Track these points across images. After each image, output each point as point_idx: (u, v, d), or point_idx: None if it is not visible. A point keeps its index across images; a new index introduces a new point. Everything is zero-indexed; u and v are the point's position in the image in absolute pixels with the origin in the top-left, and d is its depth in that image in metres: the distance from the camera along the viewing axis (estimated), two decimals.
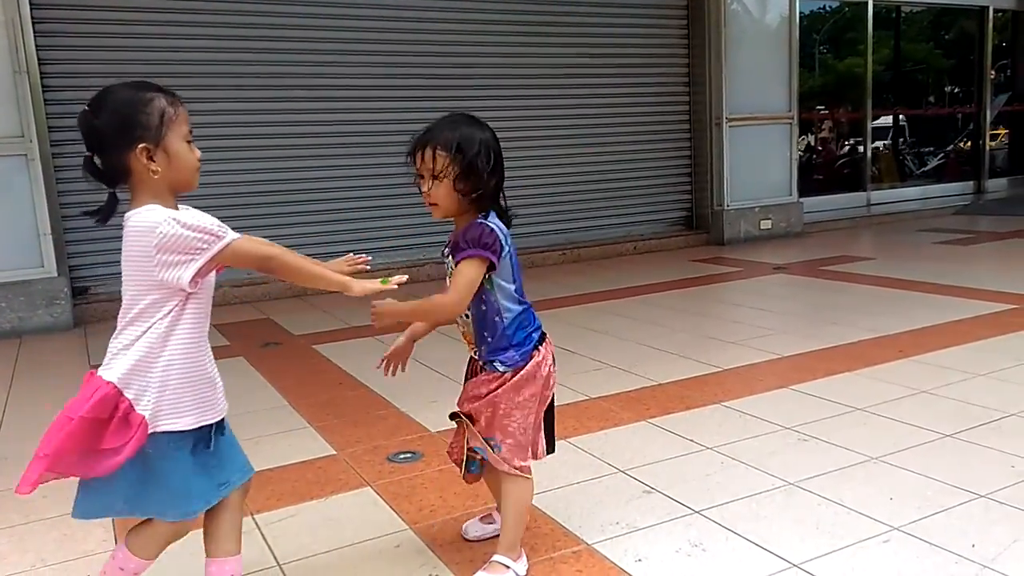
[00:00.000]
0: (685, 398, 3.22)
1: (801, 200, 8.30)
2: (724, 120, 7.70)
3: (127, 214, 1.62)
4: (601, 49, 7.45)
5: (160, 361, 1.61)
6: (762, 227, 8.02)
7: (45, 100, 5.34)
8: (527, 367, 1.90)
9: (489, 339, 1.91)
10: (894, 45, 10.82)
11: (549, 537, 2.14)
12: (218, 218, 1.70)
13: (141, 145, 1.61)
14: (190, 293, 1.62)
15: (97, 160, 1.68)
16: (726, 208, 7.82)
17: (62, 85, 5.48)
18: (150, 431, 1.58)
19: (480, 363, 1.96)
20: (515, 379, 1.89)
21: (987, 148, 11.11)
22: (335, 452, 2.84)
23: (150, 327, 1.61)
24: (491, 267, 1.84)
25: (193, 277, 1.57)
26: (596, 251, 7.28)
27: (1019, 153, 11.85)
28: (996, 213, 9.19)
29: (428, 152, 1.82)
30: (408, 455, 2.76)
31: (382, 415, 3.22)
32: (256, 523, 2.31)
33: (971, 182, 11.06)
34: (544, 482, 2.48)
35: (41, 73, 5.32)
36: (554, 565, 1.99)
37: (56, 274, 5.26)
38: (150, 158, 1.63)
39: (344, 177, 6.47)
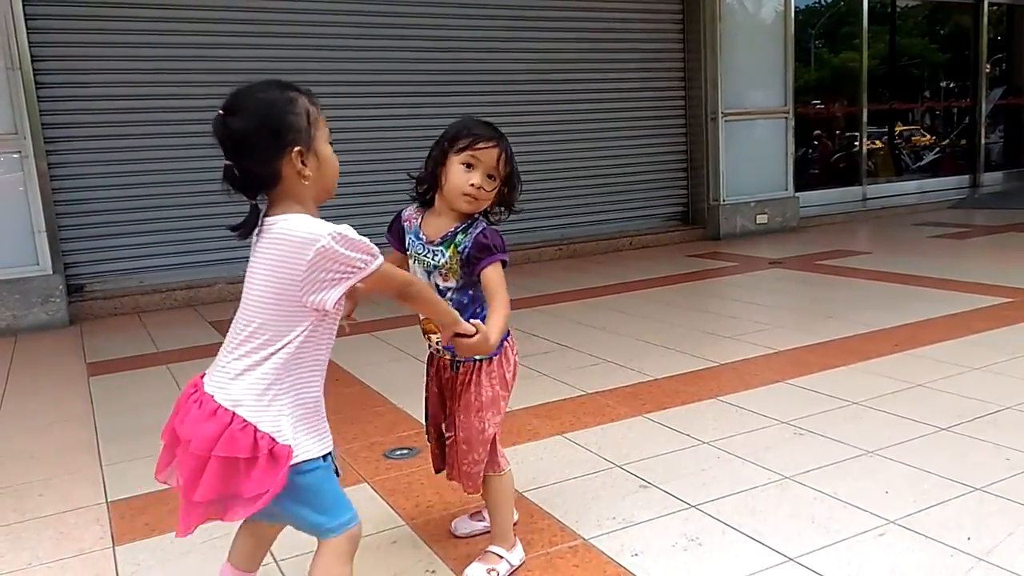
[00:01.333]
0: (681, 393, 3.22)
1: (797, 195, 8.31)
2: (720, 115, 7.70)
3: (268, 219, 1.47)
4: (596, 44, 7.44)
5: (291, 386, 1.48)
6: (758, 222, 8.02)
7: (38, 97, 5.32)
8: (505, 349, 1.94)
9: None
10: (889, 40, 10.83)
11: (546, 532, 2.14)
12: (213, 213, 1.67)
13: (296, 148, 1.48)
14: (326, 313, 1.48)
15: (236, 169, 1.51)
16: (722, 203, 7.83)
17: (55, 82, 5.46)
18: (293, 462, 1.44)
19: (451, 358, 1.93)
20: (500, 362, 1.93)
21: (983, 142, 11.13)
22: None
23: (281, 348, 1.45)
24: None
25: (337, 299, 1.44)
26: (592, 247, 7.28)
27: (1015, 147, 11.87)
28: (992, 207, 9.21)
29: (502, 154, 1.86)
30: (405, 451, 2.76)
31: (379, 411, 3.22)
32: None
33: (967, 176, 11.09)
34: (540, 477, 2.48)
35: (34, 70, 5.30)
36: (551, 560, 2.00)
37: (51, 272, 5.25)
38: (303, 162, 1.49)
39: (345, 172, 6.45)
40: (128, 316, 5.54)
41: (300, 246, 1.40)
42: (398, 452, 2.76)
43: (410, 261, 1.93)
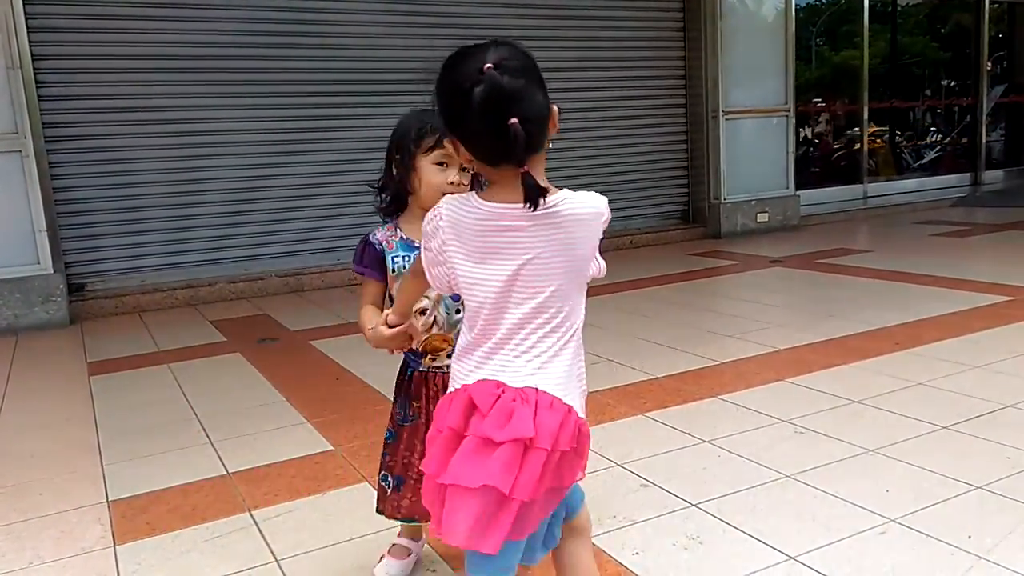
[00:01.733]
0: (682, 392, 3.22)
1: (798, 193, 8.30)
2: (721, 113, 7.69)
3: (554, 198, 1.29)
4: (597, 43, 7.43)
5: (579, 364, 1.39)
6: (759, 220, 8.02)
7: (39, 96, 5.32)
8: None
9: None
10: (890, 38, 10.83)
11: None
12: (214, 212, 1.67)
13: (554, 107, 1.33)
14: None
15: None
16: (723, 201, 7.82)
17: (56, 81, 5.46)
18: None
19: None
20: None
21: (983, 140, 11.12)
22: (332, 448, 2.84)
23: (576, 325, 1.38)
24: None
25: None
26: None
27: (1016, 145, 11.86)
28: (993, 205, 9.21)
29: None
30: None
31: (380, 410, 3.21)
32: (254, 519, 2.31)
33: (968, 174, 11.08)
34: None
35: (35, 69, 5.30)
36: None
37: (52, 271, 5.25)
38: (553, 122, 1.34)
39: (345, 171, 6.45)
40: (129, 315, 5.54)
41: (594, 222, 1.33)
42: None
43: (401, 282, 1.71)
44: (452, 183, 1.72)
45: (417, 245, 1.65)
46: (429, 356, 1.82)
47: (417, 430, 1.82)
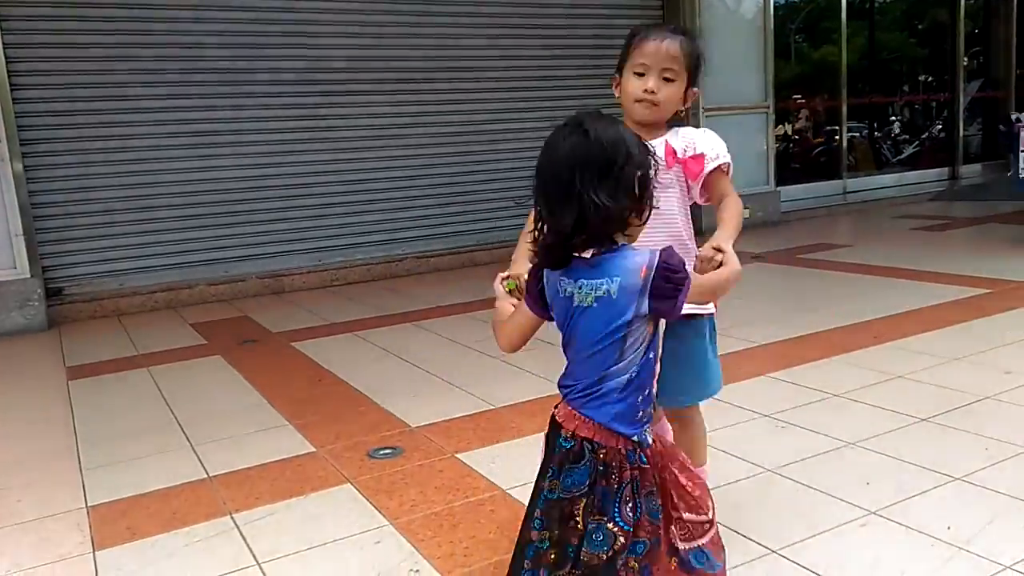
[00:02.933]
0: None
1: (778, 189, 8.35)
2: (700, 110, 7.71)
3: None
4: (574, 40, 7.43)
5: None
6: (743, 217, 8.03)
7: (14, 99, 5.24)
8: None
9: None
10: (868, 34, 10.91)
11: None
12: (192, 215, 1.65)
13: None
14: None
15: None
16: None
17: (31, 83, 5.39)
18: None
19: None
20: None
21: (961, 135, 11.23)
22: (314, 449, 2.82)
23: None
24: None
25: None
26: None
27: (993, 139, 11.98)
28: (970, 199, 9.29)
29: None
30: (388, 451, 2.75)
31: (362, 411, 3.21)
32: (235, 522, 2.29)
33: (946, 168, 11.18)
34: (526, 475, 2.47)
35: (9, 71, 5.23)
36: None
37: (29, 275, 5.18)
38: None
39: (323, 172, 6.42)
40: (108, 319, 5.49)
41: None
42: (382, 452, 2.75)
43: None
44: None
45: None
46: None
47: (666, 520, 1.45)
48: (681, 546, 1.41)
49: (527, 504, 1.49)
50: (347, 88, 6.44)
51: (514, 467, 2.54)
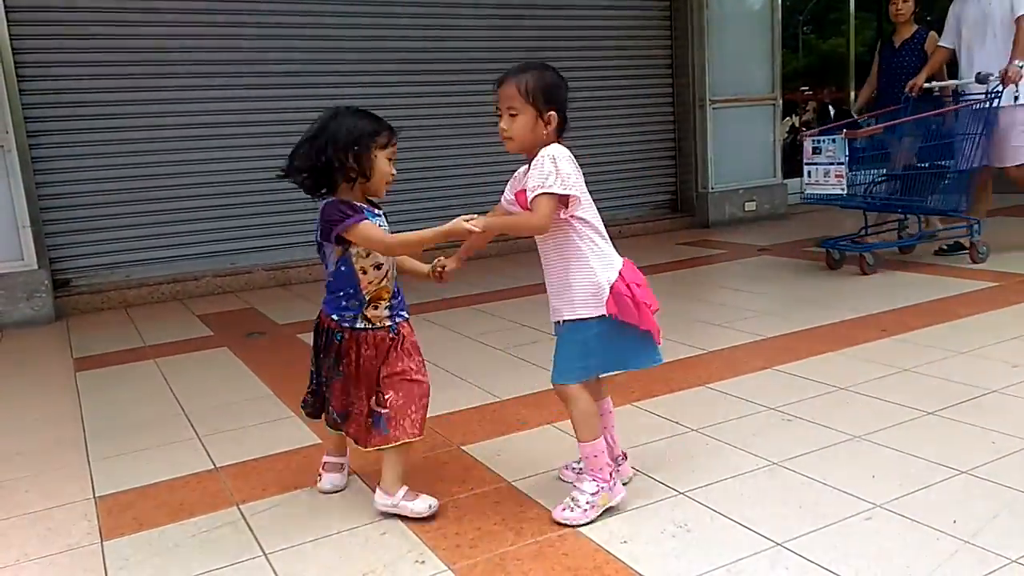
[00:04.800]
0: (670, 380, 3.22)
1: (785, 181, 8.32)
2: (708, 102, 7.69)
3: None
4: (582, 32, 7.41)
5: None
6: (746, 209, 8.03)
7: (20, 90, 5.26)
8: None
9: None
10: (876, 26, 10.83)
11: (535, 521, 2.14)
12: (200, 206, 1.67)
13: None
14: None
15: None
16: (710, 191, 7.83)
17: (39, 75, 5.41)
18: None
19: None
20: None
21: None
22: (320, 441, 2.82)
23: None
24: None
25: None
26: None
27: None
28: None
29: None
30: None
31: None
32: (242, 513, 2.31)
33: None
34: (530, 467, 2.48)
35: (16, 63, 5.25)
36: (540, 548, 2.00)
37: (36, 267, 5.20)
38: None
39: None
40: (115, 311, 5.51)
41: None
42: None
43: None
44: (392, 174, 2.20)
45: (372, 211, 2.18)
46: (372, 305, 2.20)
47: (348, 380, 2.23)
48: (375, 409, 2.21)
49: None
50: (358, 79, 6.43)
51: (519, 459, 2.55)
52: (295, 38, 6.20)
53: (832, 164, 5.03)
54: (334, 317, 2.21)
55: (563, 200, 2.05)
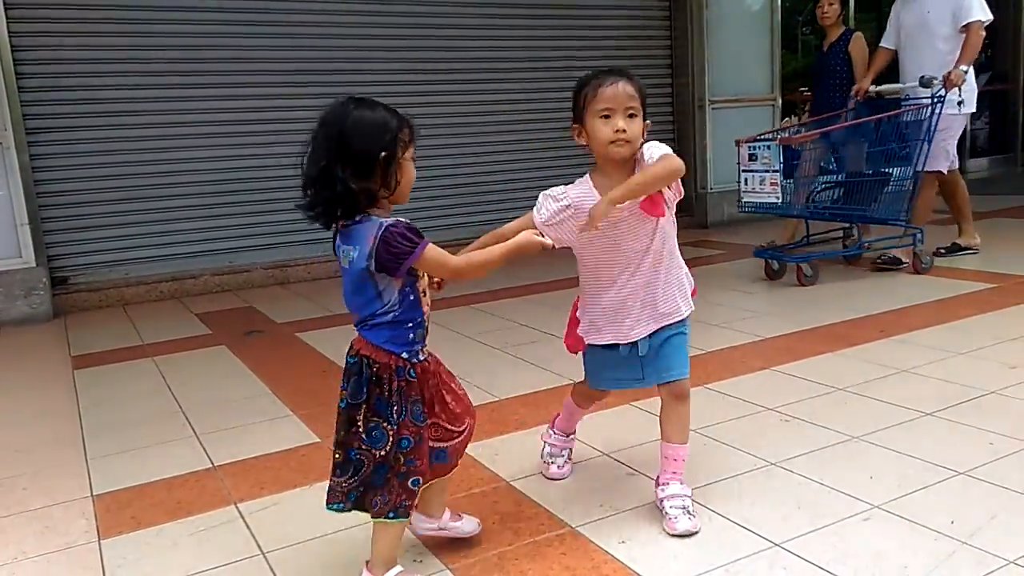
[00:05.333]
0: None
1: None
2: (707, 102, 7.69)
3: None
4: (581, 32, 7.41)
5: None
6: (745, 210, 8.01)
7: (19, 88, 5.25)
8: None
9: None
10: (876, 26, 10.83)
11: (533, 520, 2.14)
12: (198, 204, 1.65)
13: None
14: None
15: None
16: (709, 191, 7.83)
17: (37, 72, 5.39)
18: None
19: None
20: None
21: (969, 128, 11.16)
22: (319, 440, 2.83)
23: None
24: None
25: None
26: None
27: (1000, 133, 11.91)
28: (977, 193, 9.21)
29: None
30: None
31: None
32: (240, 511, 2.30)
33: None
34: (527, 467, 2.48)
35: (15, 60, 5.24)
36: (538, 548, 2.00)
37: (35, 264, 5.20)
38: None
39: None
40: (113, 308, 5.50)
41: None
42: None
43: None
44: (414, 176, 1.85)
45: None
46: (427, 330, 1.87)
47: (433, 391, 1.89)
48: (432, 444, 1.86)
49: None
50: (358, 78, 6.42)
51: (517, 459, 2.55)
52: (296, 36, 6.19)
53: (768, 171, 4.86)
54: (404, 355, 1.79)
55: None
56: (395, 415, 1.76)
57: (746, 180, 4.99)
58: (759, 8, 7.97)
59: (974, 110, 5.21)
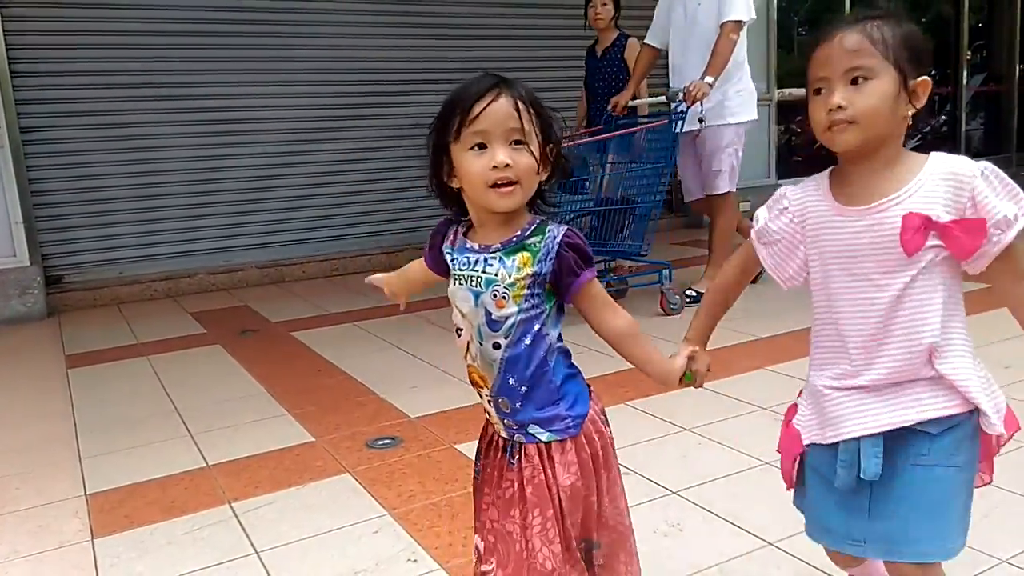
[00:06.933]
0: None
1: (780, 182, 8.32)
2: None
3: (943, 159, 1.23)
4: (576, 32, 7.39)
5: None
6: (741, 209, 8.01)
7: (14, 86, 5.24)
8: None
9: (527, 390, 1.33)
10: None
11: None
12: (193, 203, 1.61)
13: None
14: None
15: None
16: None
17: (31, 71, 5.38)
18: None
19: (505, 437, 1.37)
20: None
21: (963, 129, 11.20)
22: (313, 439, 2.82)
23: None
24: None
25: None
26: None
27: (995, 133, 11.95)
28: None
29: (518, 102, 1.27)
30: (387, 441, 2.76)
31: (361, 402, 3.21)
32: (233, 511, 2.30)
33: None
34: None
35: (9, 58, 5.22)
36: None
37: (29, 263, 5.18)
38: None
39: (325, 161, 6.41)
40: (107, 307, 5.49)
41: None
42: (380, 442, 2.75)
43: (451, 287, 1.37)
44: (497, 166, 1.23)
45: (469, 247, 1.34)
46: (475, 388, 1.43)
47: (479, 489, 1.42)
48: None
49: None
50: (352, 77, 6.42)
51: None
52: (289, 35, 6.18)
53: None
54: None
55: None
56: None
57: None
58: (756, 7, 7.96)
59: (755, 117, 4.67)
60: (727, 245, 4.63)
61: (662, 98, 4.56)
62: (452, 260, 1.36)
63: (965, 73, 11.10)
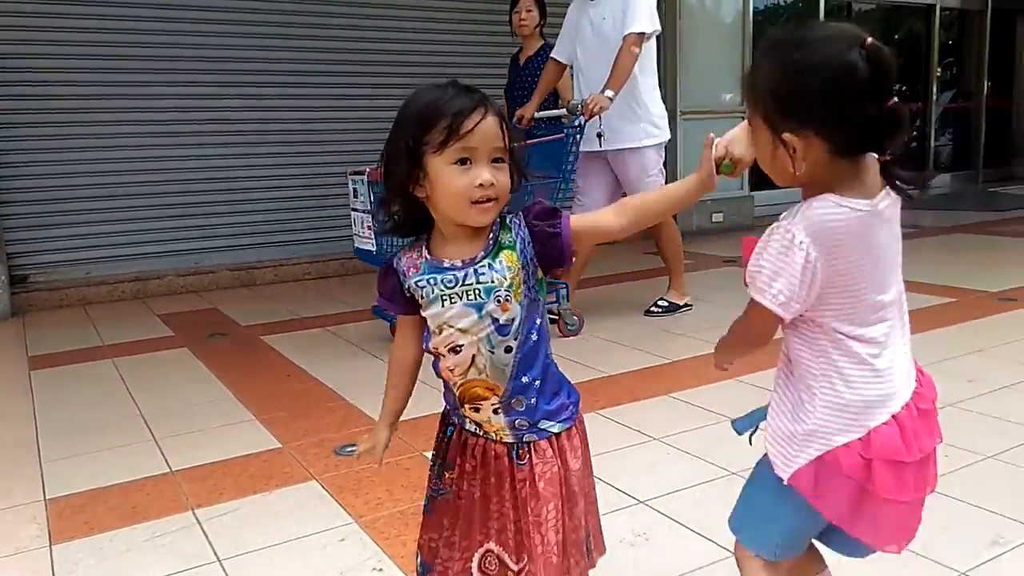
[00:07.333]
0: (634, 389, 3.24)
1: (752, 194, 8.42)
2: (678, 113, 7.75)
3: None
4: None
5: None
6: (714, 220, 8.11)
7: None
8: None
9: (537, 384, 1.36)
10: None
11: None
12: (163, 204, 1.59)
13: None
14: None
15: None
16: None
17: None
18: None
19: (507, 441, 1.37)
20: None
21: (932, 144, 11.40)
22: (280, 445, 2.80)
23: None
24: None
25: None
26: None
27: (963, 150, 12.18)
28: (939, 208, 9.43)
29: (500, 120, 1.31)
30: (355, 448, 2.72)
31: (330, 408, 3.19)
32: (197, 518, 2.27)
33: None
34: None
35: None
36: None
37: None
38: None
39: (298, 164, 6.37)
40: (73, 308, 5.40)
41: None
42: (348, 448, 2.73)
43: (437, 309, 1.33)
44: (483, 184, 1.26)
45: (448, 265, 1.31)
46: (468, 405, 1.39)
47: (448, 508, 1.42)
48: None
49: None
50: (322, 79, 6.39)
51: None
52: (262, 35, 6.14)
53: (367, 212, 3.87)
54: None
55: None
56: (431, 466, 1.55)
57: (352, 221, 4.10)
58: (732, 21, 8.07)
59: (668, 137, 4.59)
60: (679, 252, 4.77)
61: (557, 112, 4.56)
62: (427, 284, 1.33)
63: (935, 89, 11.30)
